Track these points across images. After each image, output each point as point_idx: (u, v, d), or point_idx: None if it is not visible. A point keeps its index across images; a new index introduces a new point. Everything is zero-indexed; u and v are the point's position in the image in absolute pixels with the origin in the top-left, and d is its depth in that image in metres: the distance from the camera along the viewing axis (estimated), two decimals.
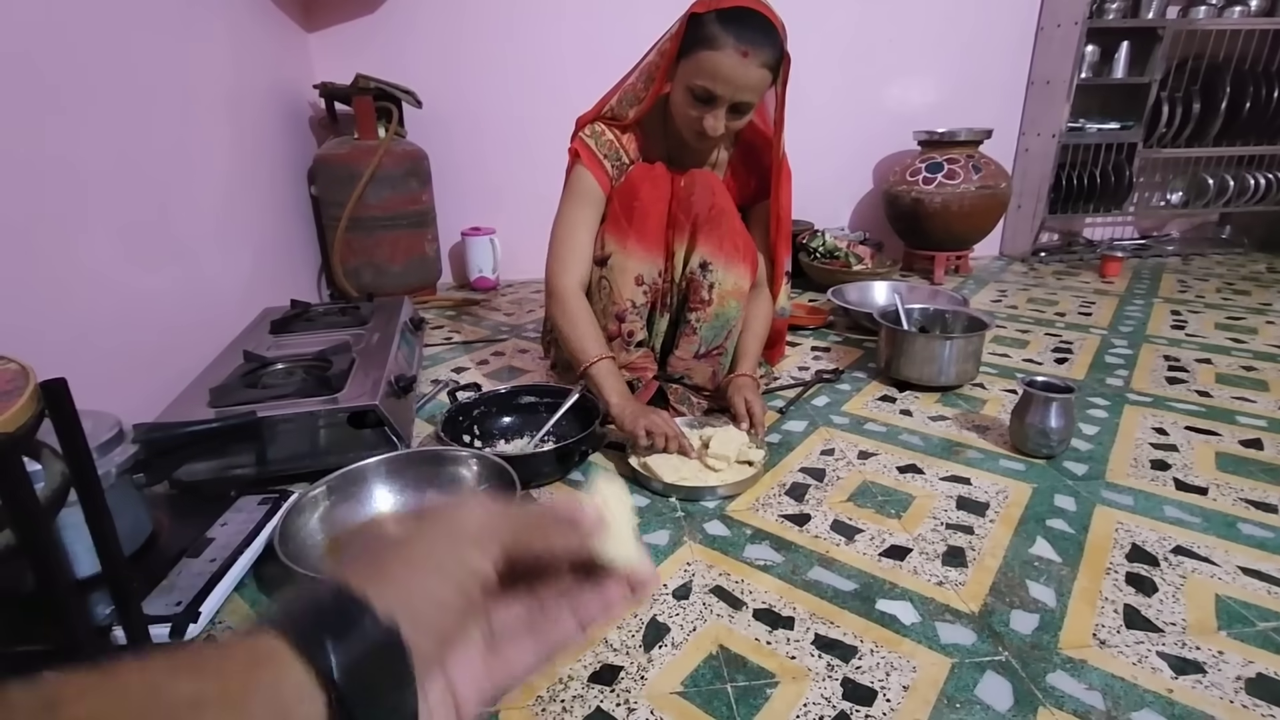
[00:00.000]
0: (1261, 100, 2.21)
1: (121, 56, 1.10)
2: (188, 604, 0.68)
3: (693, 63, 1.01)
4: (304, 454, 0.97)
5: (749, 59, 0.98)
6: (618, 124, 1.16)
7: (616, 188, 1.15)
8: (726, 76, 0.99)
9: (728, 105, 1.02)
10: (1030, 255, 2.39)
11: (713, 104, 1.02)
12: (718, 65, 0.99)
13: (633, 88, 1.14)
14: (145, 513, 0.79)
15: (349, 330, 1.30)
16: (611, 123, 1.16)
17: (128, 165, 1.11)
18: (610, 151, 1.15)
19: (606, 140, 1.15)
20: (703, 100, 1.03)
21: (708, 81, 1.00)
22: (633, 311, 1.13)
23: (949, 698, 0.61)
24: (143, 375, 1.10)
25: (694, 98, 1.03)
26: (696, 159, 1.20)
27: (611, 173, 1.15)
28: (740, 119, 1.06)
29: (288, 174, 1.82)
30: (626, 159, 1.16)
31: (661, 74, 1.08)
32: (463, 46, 2.05)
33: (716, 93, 1.01)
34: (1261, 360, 1.42)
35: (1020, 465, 1.01)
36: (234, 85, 1.53)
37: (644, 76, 1.12)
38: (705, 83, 1.00)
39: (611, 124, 1.16)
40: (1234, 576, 0.77)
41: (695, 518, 0.90)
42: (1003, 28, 2.26)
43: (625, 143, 1.16)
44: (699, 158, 1.20)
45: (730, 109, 1.03)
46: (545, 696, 0.63)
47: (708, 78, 1.00)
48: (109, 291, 1.04)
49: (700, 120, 1.04)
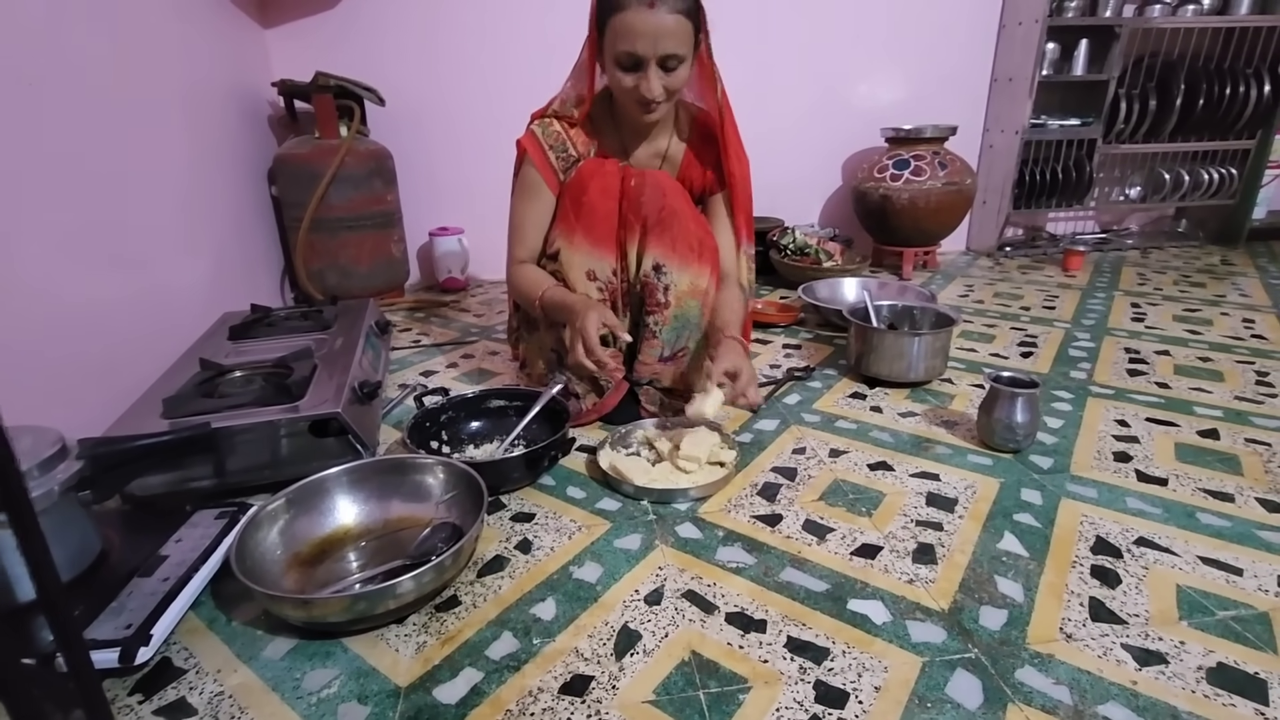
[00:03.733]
0: (1214, 97, 2.27)
1: (65, 52, 1.06)
2: (138, 626, 0.65)
3: (610, 34, 1.02)
4: (264, 465, 0.94)
5: (657, 8, 0.98)
6: (566, 120, 1.16)
7: (566, 183, 1.14)
8: (641, 31, 0.99)
9: (655, 62, 1.02)
10: (996, 250, 2.43)
11: (641, 67, 1.03)
12: (630, 24, 0.99)
13: (574, 88, 1.14)
14: (93, 531, 0.76)
15: (312, 335, 1.27)
16: (560, 119, 1.16)
17: (74, 167, 1.06)
18: (557, 143, 1.15)
19: (554, 132, 1.15)
20: (631, 67, 1.03)
21: (626, 45, 1.00)
22: None
23: (920, 697, 0.62)
24: (93, 386, 1.05)
25: (623, 68, 1.04)
26: (652, 147, 1.20)
27: (556, 164, 1.15)
28: (675, 74, 1.05)
29: (247, 174, 1.77)
30: (574, 152, 1.16)
31: (590, 65, 1.09)
32: (426, 43, 2.01)
33: (638, 51, 1.01)
34: (1216, 351, 1.46)
35: (988, 460, 1.03)
36: (188, 82, 1.48)
37: (576, 74, 1.13)
38: (625, 47, 1.01)
39: (560, 119, 1.16)
40: (1194, 566, 0.78)
41: (667, 520, 0.90)
42: (966, 25, 2.29)
43: (573, 136, 1.16)
44: (655, 145, 1.20)
45: (660, 66, 1.03)
46: (514, 710, 0.61)
47: (625, 40, 1.00)
48: (54, 299, 1.00)
49: (637, 88, 1.04)
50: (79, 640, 0.51)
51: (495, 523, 0.91)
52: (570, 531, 0.88)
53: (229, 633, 0.73)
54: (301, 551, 0.81)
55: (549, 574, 0.80)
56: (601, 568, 0.81)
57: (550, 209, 1.16)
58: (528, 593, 0.77)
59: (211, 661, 0.69)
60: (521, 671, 0.66)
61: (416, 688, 0.64)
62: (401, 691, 0.64)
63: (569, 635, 0.70)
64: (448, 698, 0.63)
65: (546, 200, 1.15)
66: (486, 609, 0.75)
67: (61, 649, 0.50)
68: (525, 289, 1.14)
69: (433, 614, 0.74)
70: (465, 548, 0.75)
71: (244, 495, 0.94)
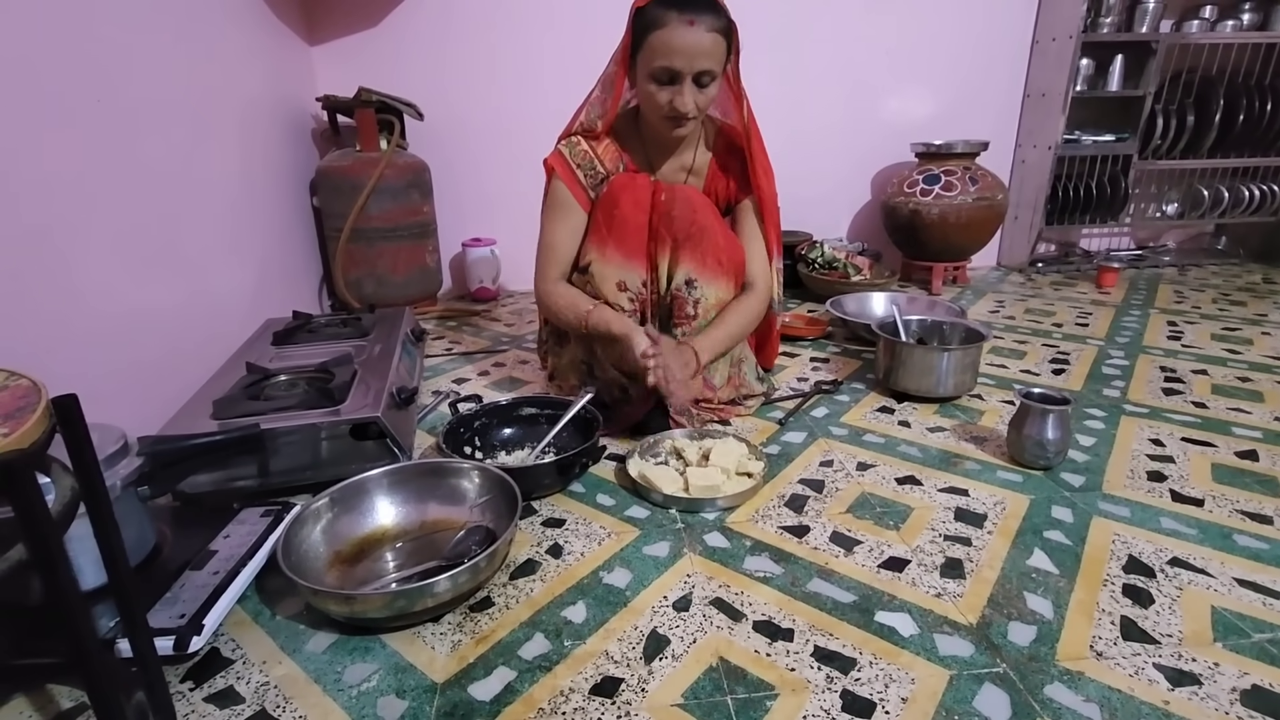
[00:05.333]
0: (1255, 113, 2.24)
1: (125, 69, 1.12)
2: (191, 616, 0.68)
3: (647, 50, 1.06)
4: (306, 466, 0.97)
5: (696, 26, 1.02)
6: (591, 136, 1.19)
7: (599, 197, 1.16)
8: (679, 48, 1.03)
9: (690, 78, 1.06)
10: (1027, 266, 2.40)
11: (676, 81, 1.06)
12: (669, 40, 1.03)
13: (599, 101, 1.17)
14: (149, 525, 0.79)
15: (351, 341, 1.31)
16: (586, 135, 1.19)
17: (133, 178, 1.12)
18: (585, 161, 1.18)
19: (581, 150, 1.19)
20: (666, 81, 1.07)
21: (664, 60, 1.04)
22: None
23: (947, 710, 0.62)
24: (147, 388, 1.10)
25: (657, 83, 1.07)
26: (679, 161, 1.22)
27: (585, 181, 1.18)
28: (706, 91, 1.08)
29: (290, 186, 1.84)
30: (602, 169, 1.19)
31: (620, 79, 1.13)
32: (464, 59, 2.07)
33: (675, 67, 1.04)
34: (1257, 371, 1.43)
35: (1018, 476, 1.02)
36: (238, 98, 1.54)
37: (604, 85, 1.17)
38: (662, 62, 1.04)
39: (586, 136, 1.19)
40: (1230, 588, 0.77)
41: (695, 529, 0.91)
42: (999, 41, 2.28)
43: (601, 152, 1.19)
44: (681, 159, 1.22)
45: (694, 82, 1.06)
46: (546, 709, 0.63)
47: (663, 56, 1.04)
48: (115, 305, 1.05)
49: (670, 103, 1.07)
50: (146, 627, 0.55)
51: (527, 527, 0.93)
52: (600, 537, 0.90)
53: (273, 626, 0.76)
54: (342, 550, 0.84)
55: (579, 578, 0.82)
56: (631, 573, 0.82)
57: (581, 227, 1.19)
58: (559, 596, 0.79)
59: (257, 653, 0.72)
60: (553, 672, 0.68)
61: (452, 684, 0.67)
62: (438, 687, 0.66)
63: (599, 638, 0.72)
64: (482, 695, 0.65)
65: (578, 218, 1.18)
66: (519, 610, 0.77)
67: (129, 634, 0.54)
68: (564, 307, 1.16)
69: (467, 614, 0.76)
70: (499, 550, 0.77)
71: (286, 495, 0.97)
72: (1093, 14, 2.18)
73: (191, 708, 0.65)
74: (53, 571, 0.43)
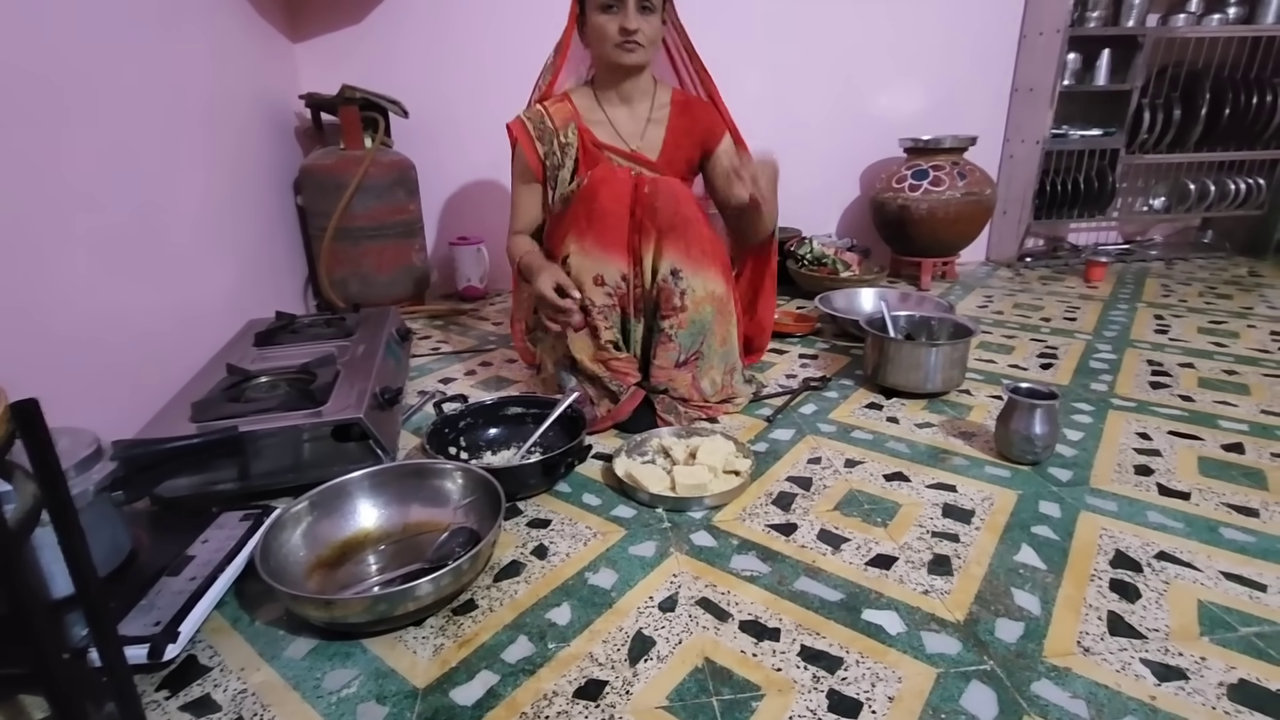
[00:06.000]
0: (1241, 106, 2.24)
1: (102, 66, 1.10)
2: (166, 624, 0.67)
3: None
4: (287, 468, 0.96)
5: None
6: (544, 98, 1.31)
7: (579, 190, 1.17)
8: None
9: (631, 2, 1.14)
10: (1016, 261, 2.41)
11: (621, 5, 1.14)
12: None
13: (551, 65, 1.32)
14: (124, 531, 0.78)
15: (334, 342, 1.29)
16: (542, 100, 1.31)
17: (110, 175, 1.10)
18: (535, 117, 1.27)
19: (536, 111, 1.28)
20: (611, 7, 1.15)
21: None
22: (596, 310, 1.14)
23: (934, 708, 0.61)
24: (124, 390, 1.09)
25: (606, 12, 1.15)
26: (636, 110, 1.28)
27: (533, 132, 1.26)
28: (649, 18, 1.16)
29: (273, 184, 1.81)
30: (550, 124, 1.26)
31: (568, 34, 1.27)
32: (449, 56, 2.05)
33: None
34: (1243, 364, 1.43)
35: (1005, 472, 1.02)
36: (219, 95, 1.52)
37: (555, 49, 1.31)
38: None
39: (542, 100, 1.30)
40: (1216, 582, 0.77)
41: (682, 528, 0.90)
42: (986, 36, 2.28)
43: (552, 111, 1.27)
44: (636, 109, 1.28)
45: (638, 7, 1.15)
46: (530, 713, 0.62)
47: None
48: (88, 305, 1.03)
49: (619, 29, 1.15)
50: (114, 636, 0.53)
51: (512, 528, 0.92)
52: (586, 538, 0.89)
53: (252, 632, 0.74)
54: (323, 554, 0.82)
55: (564, 579, 0.81)
56: (616, 574, 0.81)
57: (539, 188, 1.30)
58: (543, 598, 0.78)
59: (235, 659, 0.70)
60: (537, 675, 0.67)
61: (434, 689, 0.66)
62: (419, 693, 0.65)
63: (584, 640, 0.71)
64: (464, 699, 0.64)
65: (530, 174, 1.29)
66: (503, 613, 0.76)
67: (97, 644, 0.52)
68: (513, 254, 1.29)
69: (450, 617, 0.75)
70: (482, 552, 0.76)
71: (267, 498, 0.96)
72: (1080, 8, 2.18)
73: (167, 716, 0.64)
74: (12, 581, 0.41)
